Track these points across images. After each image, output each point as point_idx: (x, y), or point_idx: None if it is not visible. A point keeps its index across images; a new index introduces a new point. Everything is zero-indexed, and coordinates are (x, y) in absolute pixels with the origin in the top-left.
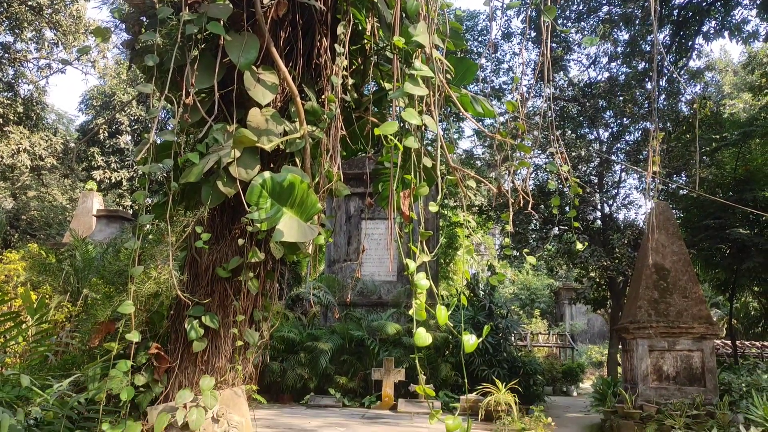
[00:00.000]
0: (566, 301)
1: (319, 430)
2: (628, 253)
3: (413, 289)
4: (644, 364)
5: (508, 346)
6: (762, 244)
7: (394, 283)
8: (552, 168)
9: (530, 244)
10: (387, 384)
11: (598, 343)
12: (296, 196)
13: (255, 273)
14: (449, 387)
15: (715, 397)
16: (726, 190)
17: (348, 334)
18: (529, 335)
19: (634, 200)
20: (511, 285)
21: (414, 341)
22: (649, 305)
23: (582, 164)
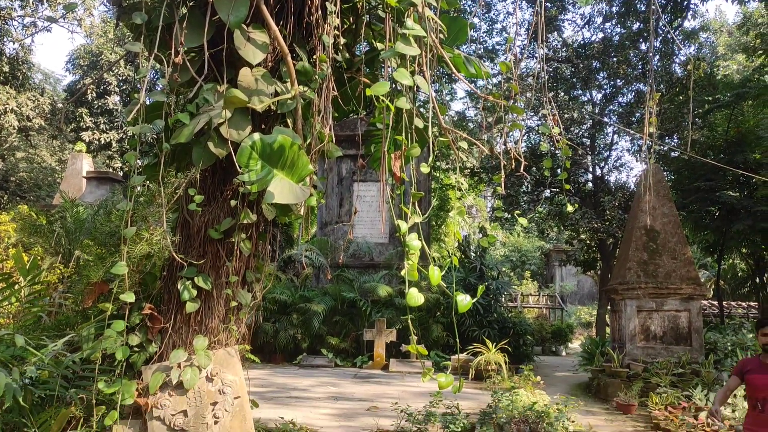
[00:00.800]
0: (556, 263)
1: (312, 389)
2: (618, 215)
3: (405, 250)
4: (632, 324)
5: (498, 307)
6: (751, 207)
7: (386, 245)
8: (544, 130)
9: (521, 206)
10: (379, 344)
11: (587, 304)
12: (287, 157)
13: (247, 234)
14: (440, 347)
15: (700, 356)
16: (717, 152)
17: (340, 295)
18: (520, 296)
19: (625, 162)
20: (502, 247)
21: (406, 302)
22: (639, 266)
23: (574, 126)
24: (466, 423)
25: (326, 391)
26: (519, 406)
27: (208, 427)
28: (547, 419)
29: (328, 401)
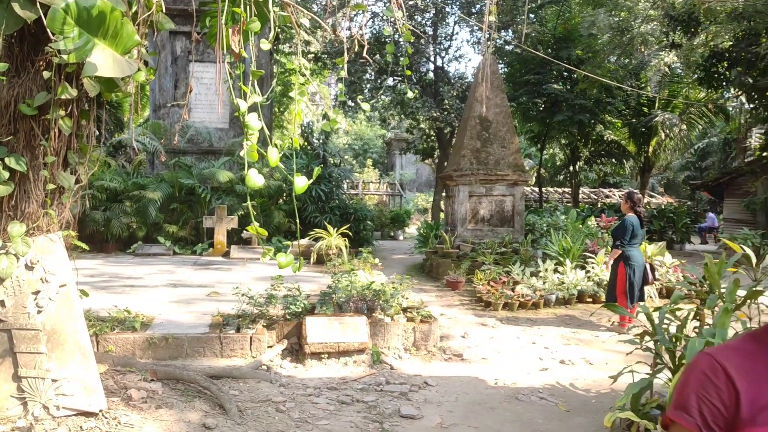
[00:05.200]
0: (397, 152)
1: (148, 277)
2: (456, 104)
3: (245, 130)
4: (464, 208)
5: (340, 194)
6: (571, 100)
7: (226, 130)
8: (388, 14)
9: (365, 94)
10: (219, 231)
11: (425, 191)
12: (108, 25)
13: (67, 111)
14: (283, 233)
15: (521, 236)
16: (546, 47)
17: (178, 182)
18: (361, 184)
19: (464, 53)
20: (345, 135)
21: (246, 185)
22: (472, 154)
23: (418, 14)
24: (307, 304)
25: (164, 279)
26: (357, 286)
27: (30, 316)
28: (383, 297)
29: (167, 288)
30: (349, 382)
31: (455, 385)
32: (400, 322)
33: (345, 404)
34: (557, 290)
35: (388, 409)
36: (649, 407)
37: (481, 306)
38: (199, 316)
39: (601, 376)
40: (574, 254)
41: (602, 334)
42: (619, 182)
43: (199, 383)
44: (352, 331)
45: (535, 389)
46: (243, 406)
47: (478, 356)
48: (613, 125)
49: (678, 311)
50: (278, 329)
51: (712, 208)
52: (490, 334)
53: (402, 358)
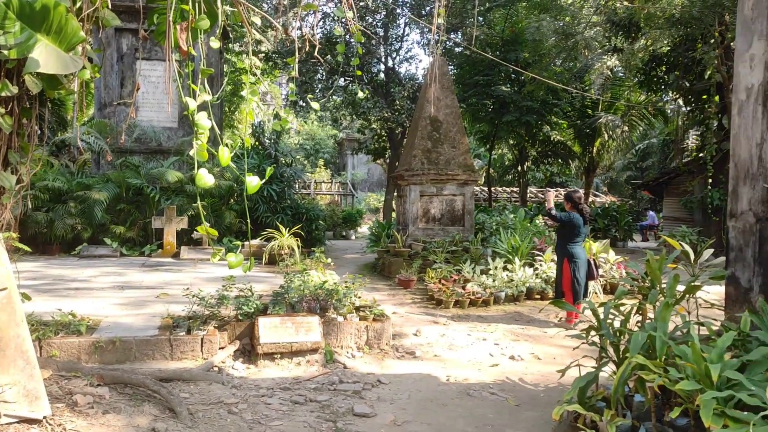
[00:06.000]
0: (349, 152)
1: (95, 279)
2: (407, 105)
3: (194, 129)
4: (415, 207)
5: (292, 193)
6: (519, 101)
7: (175, 129)
8: (339, 13)
9: (316, 94)
10: (169, 232)
11: (376, 191)
12: (52, 20)
13: (7, 109)
14: (234, 234)
15: (471, 234)
16: (494, 49)
17: (125, 182)
18: (313, 184)
19: (415, 55)
20: (296, 135)
21: (196, 184)
22: (423, 154)
23: (369, 15)
24: (259, 304)
25: (111, 281)
26: (310, 285)
27: None
28: (336, 296)
29: (114, 291)
30: (302, 382)
31: (408, 383)
32: (353, 321)
33: (298, 404)
34: (507, 288)
35: (341, 408)
36: (594, 399)
37: (432, 304)
38: (148, 319)
39: (550, 371)
40: (523, 252)
41: (550, 329)
42: (565, 182)
43: (148, 387)
44: (305, 330)
45: (486, 385)
46: (194, 408)
47: (431, 353)
48: (559, 126)
49: (622, 306)
50: (230, 330)
51: (653, 207)
52: (441, 332)
53: (355, 356)
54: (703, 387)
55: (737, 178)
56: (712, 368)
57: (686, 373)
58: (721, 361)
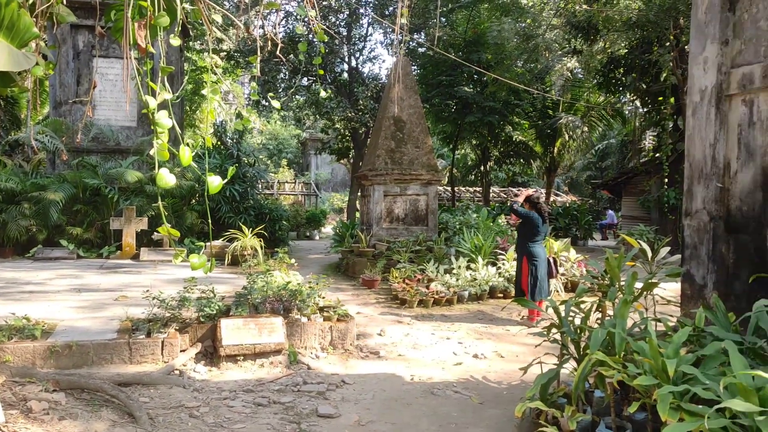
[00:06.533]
0: (312, 151)
1: (50, 282)
2: (371, 105)
3: (154, 128)
4: (379, 207)
5: (255, 194)
6: (481, 102)
7: (134, 128)
8: (301, 12)
9: (279, 93)
10: (128, 233)
11: (340, 191)
12: (3, 16)
13: None
14: (195, 235)
15: (435, 234)
16: (457, 50)
17: (82, 182)
18: (276, 184)
19: (378, 55)
20: (259, 135)
21: (156, 185)
22: (387, 154)
23: (332, 14)
24: (222, 305)
25: (68, 284)
26: (274, 286)
27: None
28: (300, 297)
29: (71, 294)
30: (265, 384)
31: (372, 383)
32: (317, 322)
33: (261, 406)
34: (470, 287)
35: (305, 409)
36: (556, 396)
37: (396, 304)
38: (106, 322)
39: (512, 369)
40: (486, 251)
41: (513, 328)
42: (527, 182)
43: (106, 391)
44: (269, 332)
45: (450, 383)
46: (154, 413)
47: (395, 353)
48: (521, 126)
49: (582, 304)
50: (192, 332)
51: (612, 206)
52: (405, 331)
53: (319, 357)
54: (660, 382)
55: (692, 177)
56: (668, 363)
57: (644, 369)
58: (677, 357)
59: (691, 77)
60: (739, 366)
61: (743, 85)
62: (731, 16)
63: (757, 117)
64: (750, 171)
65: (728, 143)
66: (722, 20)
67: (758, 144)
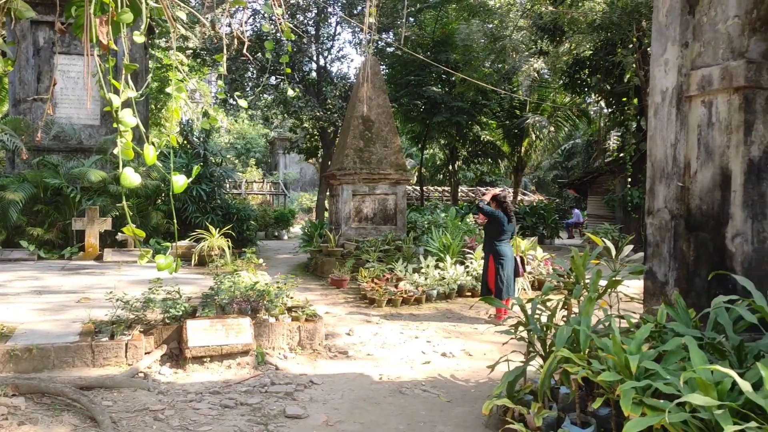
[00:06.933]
0: (281, 151)
1: (9, 284)
2: (339, 104)
3: (118, 127)
4: (348, 207)
5: (222, 193)
6: (450, 102)
7: (97, 127)
8: (267, 10)
9: (247, 92)
10: (91, 234)
11: (309, 190)
12: None
13: None
14: (161, 235)
15: (403, 233)
16: (425, 50)
17: (43, 182)
18: (244, 183)
19: (347, 54)
20: (227, 134)
21: (120, 184)
22: (355, 154)
23: (300, 13)
24: (188, 306)
25: (28, 286)
26: (241, 286)
27: None
28: (268, 297)
29: (31, 296)
30: (232, 385)
31: (341, 383)
32: (285, 322)
33: (228, 408)
34: (438, 285)
35: (273, 411)
36: (523, 393)
37: (365, 303)
38: (68, 324)
39: (480, 367)
40: (454, 250)
41: (481, 326)
42: (495, 181)
43: (67, 396)
44: (236, 332)
45: (418, 382)
46: (117, 417)
47: (363, 353)
48: (489, 126)
49: (548, 302)
50: (157, 334)
51: (578, 205)
52: (374, 331)
53: (287, 358)
54: (623, 377)
55: (654, 177)
56: (630, 359)
57: (608, 365)
58: (640, 353)
59: (653, 78)
60: (699, 361)
61: (702, 86)
62: (691, 19)
63: (716, 118)
64: (709, 170)
65: (688, 143)
66: (682, 23)
67: (717, 144)
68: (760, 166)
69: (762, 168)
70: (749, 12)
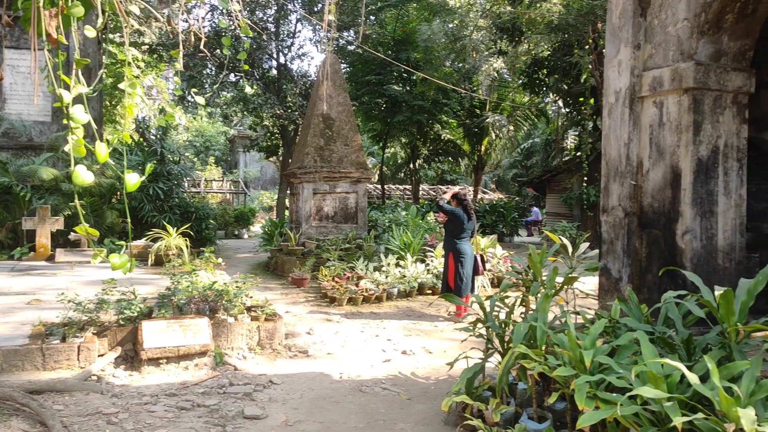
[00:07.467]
0: (241, 149)
1: None
2: (300, 102)
3: (68, 123)
4: (308, 205)
5: (180, 192)
6: (411, 101)
7: (48, 123)
8: (223, 4)
9: (205, 89)
10: (42, 234)
11: (270, 189)
12: None
13: None
14: (117, 234)
15: (364, 232)
16: (387, 48)
17: None
18: (204, 182)
19: (307, 52)
20: (185, 132)
21: (73, 182)
22: (316, 152)
23: (259, 10)
24: (144, 307)
25: None
26: (199, 286)
27: None
28: (226, 296)
29: None
30: (189, 387)
31: (301, 382)
32: (245, 322)
33: (185, 410)
34: (399, 283)
35: (231, 412)
36: (481, 389)
37: (326, 302)
38: (17, 327)
39: (440, 364)
40: (415, 248)
41: (441, 323)
42: (456, 179)
43: (16, 400)
44: (193, 333)
45: (378, 380)
46: (69, 421)
47: (324, 352)
48: (450, 125)
49: (507, 299)
50: (111, 336)
51: (537, 203)
52: (335, 329)
53: (246, 358)
54: (578, 372)
55: (608, 175)
56: (585, 354)
57: (563, 360)
58: (594, 348)
59: (607, 79)
60: (650, 355)
61: (654, 87)
62: (643, 21)
63: (667, 118)
64: (660, 169)
65: (641, 143)
66: (635, 25)
67: (668, 143)
68: (708, 165)
69: (710, 167)
70: (698, 15)
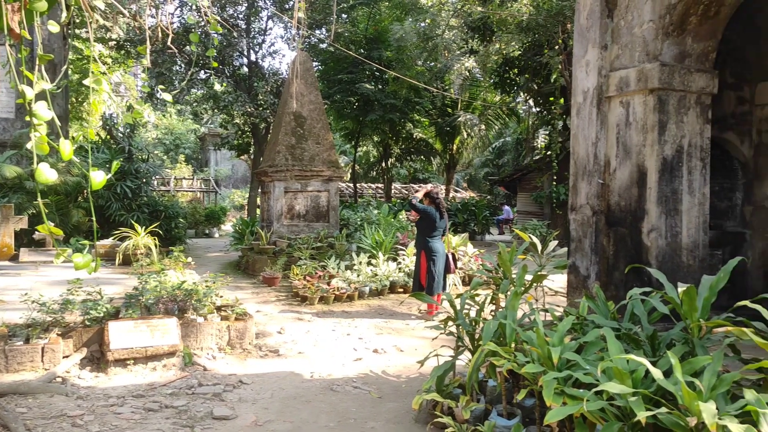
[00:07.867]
0: (212, 147)
1: None
2: (271, 100)
3: (31, 120)
4: (279, 204)
5: (149, 190)
6: (383, 99)
7: (12, 120)
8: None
9: (174, 86)
10: (5, 233)
11: (241, 187)
12: None
13: None
14: (83, 234)
15: (336, 230)
16: (358, 47)
17: None
18: (173, 180)
19: (278, 49)
20: (154, 129)
21: (36, 180)
22: (287, 150)
23: (229, 6)
24: (110, 307)
25: None
26: (168, 286)
27: None
28: (196, 296)
29: None
30: (157, 388)
31: (271, 382)
32: (214, 322)
33: (152, 411)
34: (371, 282)
35: (200, 413)
36: (452, 387)
37: (297, 301)
38: None
39: (411, 362)
40: (386, 247)
41: (412, 322)
42: (428, 178)
43: None
44: (162, 333)
45: (349, 379)
46: (32, 423)
47: (295, 351)
48: (422, 124)
49: (477, 297)
50: (76, 337)
51: (508, 202)
52: (306, 329)
53: (216, 358)
54: (546, 369)
55: (576, 174)
56: (553, 351)
57: (532, 357)
58: (562, 345)
59: (575, 79)
60: (616, 351)
61: (620, 87)
62: (610, 22)
63: (633, 117)
64: (627, 168)
65: (608, 142)
66: (602, 26)
67: (634, 143)
68: (673, 164)
69: (675, 166)
70: (663, 17)
